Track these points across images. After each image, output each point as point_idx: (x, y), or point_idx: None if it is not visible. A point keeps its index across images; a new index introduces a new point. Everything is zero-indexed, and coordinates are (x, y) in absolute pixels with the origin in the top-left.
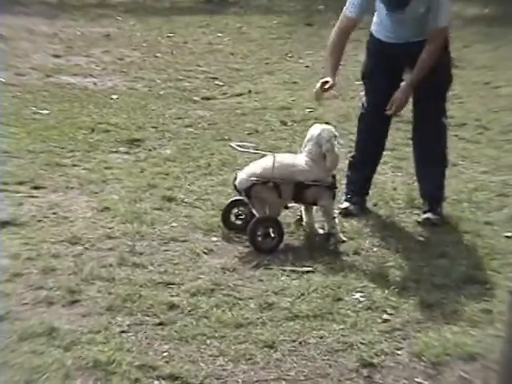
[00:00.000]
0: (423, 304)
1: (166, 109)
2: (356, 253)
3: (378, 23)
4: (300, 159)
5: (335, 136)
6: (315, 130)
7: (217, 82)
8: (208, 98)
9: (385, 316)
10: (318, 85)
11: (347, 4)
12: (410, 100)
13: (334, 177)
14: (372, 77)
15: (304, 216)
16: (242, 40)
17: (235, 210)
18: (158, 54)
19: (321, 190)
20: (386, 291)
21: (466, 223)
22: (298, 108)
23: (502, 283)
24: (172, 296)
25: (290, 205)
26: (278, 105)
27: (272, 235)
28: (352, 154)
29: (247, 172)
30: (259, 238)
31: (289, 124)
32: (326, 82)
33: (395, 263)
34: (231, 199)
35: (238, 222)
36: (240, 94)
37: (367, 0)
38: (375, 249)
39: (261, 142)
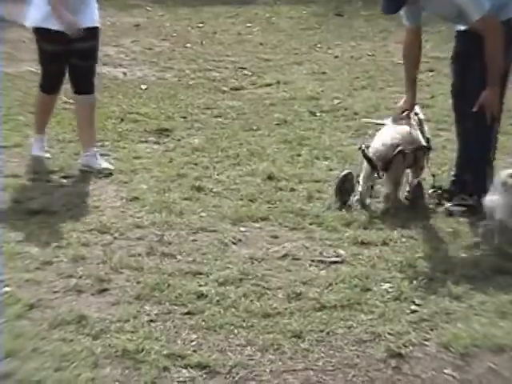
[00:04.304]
0: (451, 295)
1: (195, 99)
2: (384, 243)
3: None
4: (410, 128)
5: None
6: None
7: (246, 73)
8: (237, 89)
9: (413, 307)
10: (400, 105)
11: (403, 14)
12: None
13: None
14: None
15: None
16: (271, 30)
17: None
18: (188, 45)
19: (422, 153)
20: (415, 282)
21: None
22: (327, 98)
23: None
24: (200, 285)
25: None
26: (307, 95)
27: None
28: None
29: (386, 143)
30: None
31: (317, 114)
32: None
33: (423, 254)
34: (342, 173)
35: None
36: (269, 85)
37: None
38: (403, 239)
39: (290, 132)
